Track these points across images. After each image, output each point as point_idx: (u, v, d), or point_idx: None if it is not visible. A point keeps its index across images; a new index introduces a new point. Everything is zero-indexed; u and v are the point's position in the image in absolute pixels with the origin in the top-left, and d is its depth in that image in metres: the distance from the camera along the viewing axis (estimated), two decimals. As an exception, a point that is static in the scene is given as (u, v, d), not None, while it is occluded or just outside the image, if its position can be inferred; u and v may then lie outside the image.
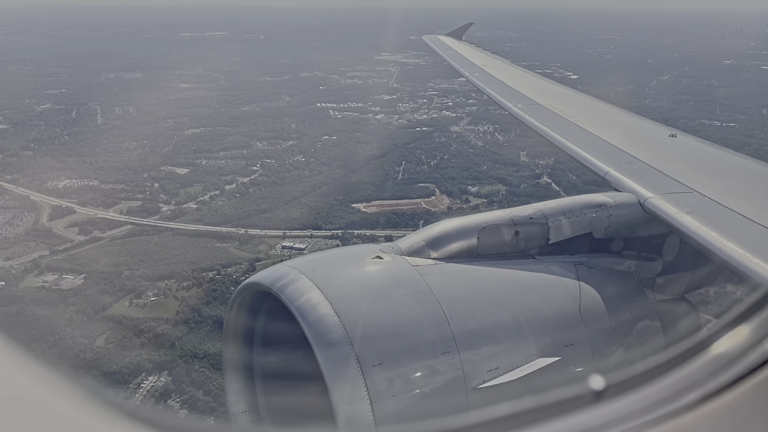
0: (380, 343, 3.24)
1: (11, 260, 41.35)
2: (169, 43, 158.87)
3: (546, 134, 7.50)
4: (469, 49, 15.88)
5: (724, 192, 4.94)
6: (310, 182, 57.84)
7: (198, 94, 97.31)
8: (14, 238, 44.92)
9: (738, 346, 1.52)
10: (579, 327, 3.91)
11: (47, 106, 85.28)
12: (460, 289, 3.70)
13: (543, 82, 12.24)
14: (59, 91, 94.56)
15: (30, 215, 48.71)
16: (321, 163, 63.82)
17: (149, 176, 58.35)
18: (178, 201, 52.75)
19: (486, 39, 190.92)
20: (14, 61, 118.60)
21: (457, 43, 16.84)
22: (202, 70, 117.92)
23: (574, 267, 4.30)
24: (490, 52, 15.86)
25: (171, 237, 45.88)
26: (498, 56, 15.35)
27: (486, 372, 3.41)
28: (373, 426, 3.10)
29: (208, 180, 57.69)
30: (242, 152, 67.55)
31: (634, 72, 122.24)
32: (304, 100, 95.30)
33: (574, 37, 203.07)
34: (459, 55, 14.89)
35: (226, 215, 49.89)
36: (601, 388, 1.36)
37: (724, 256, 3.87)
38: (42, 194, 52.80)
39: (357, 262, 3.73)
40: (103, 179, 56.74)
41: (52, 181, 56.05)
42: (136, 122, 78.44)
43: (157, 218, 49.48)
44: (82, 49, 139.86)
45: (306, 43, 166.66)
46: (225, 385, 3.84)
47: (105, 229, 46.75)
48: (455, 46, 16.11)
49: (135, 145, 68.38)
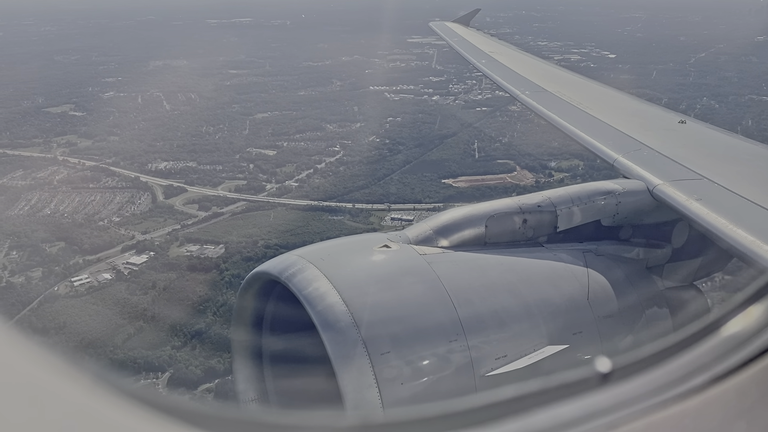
0: (388, 331, 3.33)
1: (149, 233, 45.87)
2: (200, 30, 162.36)
3: (554, 121, 7.59)
4: (476, 36, 15.85)
5: (734, 178, 4.95)
6: (394, 161, 62.05)
7: (250, 80, 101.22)
8: (142, 215, 49.45)
9: (747, 328, 1.52)
10: (587, 314, 3.98)
11: (111, 93, 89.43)
12: (467, 277, 3.79)
13: (550, 68, 12.34)
14: (116, 79, 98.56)
15: (146, 194, 53.18)
16: (396, 143, 67.94)
17: (240, 157, 62.67)
18: (277, 179, 57.08)
19: (510, 19, 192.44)
20: (58, 51, 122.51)
21: (464, 29, 16.85)
22: (245, 56, 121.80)
23: (582, 255, 4.39)
24: (497, 38, 16.01)
25: (285, 211, 50.31)
26: (505, 42, 15.58)
27: (494, 360, 3.48)
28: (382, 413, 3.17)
29: (298, 160, 61.98)
30: (317, 134, 71.70)
31: (669, 50, 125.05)
32: (355, 83, 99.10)
33: (598, 16, 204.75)
34: (466, 41, 14.89)
35: (328, 191, 54.25)
36: (608, 371, 1.39)
37: (733, 243, 3.92)
38: (148, 175, 57.22)
39: (365, 251, 3.83)
40: (199, 161, 61.10)
41: (150, 163, 60.47)
42: (202, 108, 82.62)
43: (264, 195, 53.87)
44: (117, 38, 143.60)
45: (334, 27, 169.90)
46: (234, 374, 3.98)
47: (222, 206, 51.19)
48: (462, 33, 16.15)
49: (213, 129, 72.63)
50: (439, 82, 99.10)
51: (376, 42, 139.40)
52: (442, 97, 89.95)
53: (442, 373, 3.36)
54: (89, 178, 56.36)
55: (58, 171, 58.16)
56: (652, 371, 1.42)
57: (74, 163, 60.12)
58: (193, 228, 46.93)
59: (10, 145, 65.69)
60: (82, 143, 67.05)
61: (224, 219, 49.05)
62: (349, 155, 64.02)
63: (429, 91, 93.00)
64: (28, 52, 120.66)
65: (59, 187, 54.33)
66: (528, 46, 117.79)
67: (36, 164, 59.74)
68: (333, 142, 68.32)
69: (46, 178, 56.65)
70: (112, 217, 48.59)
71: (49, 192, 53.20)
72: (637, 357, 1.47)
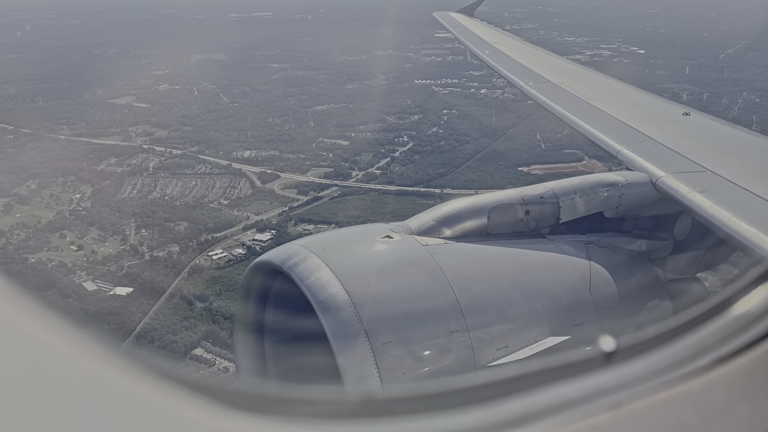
0: (390, 321, 3.46)
1: (261, 215, 50.32)
2: (225, 24, 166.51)
3: (557, 112, 7.72)
4: (480, 26, 15.97)
5: (737, 171, 5.05)
6: (464, 150, 66.70)
7: (295, 74, 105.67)
8: (246, 198, 53.88)
9: (753, 309, 1.54)
10: (589, 306, 4.11)
11: (166, 85, 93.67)
12: (469, 268, 3.94)
13: (554, 59, 12.42)
14: (164, 72, 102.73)
15: (243, 180, 57.57)
16: (460, 133, 72.59)
17: (317, 146, 67.15)
18: (360, 167, 61.60)
19: (529, 15, 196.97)
20: (95, 45, 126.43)
21: (467, 19, 16.95)
22: (281, 50, 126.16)
23: (584, 246, 4.50)
24: (501, 29, 16.10)
25: (379, 196, 54.85)
26: (509, 33, 15.76)
27: (495, 350, 3.60)
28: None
29: (372, 149, 66.48)
30: (379, 125, 76.19)
31: (695, 46, 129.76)
32: (399, 77, 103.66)
33: (614, 12, 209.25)
34: (469, 31, 15.04)
35: (412, 178, 58.83)
36: (612, 350, 1.40)
37: (736, 236, 4.02)
38: (238, 163, 61.62)
39: (367, 241, 3.95)
40: (280, 150, 65.54)
41: (234, 151, 64.83)
42: (260, 100, 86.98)
43: (353, 181, 58.36)
44: (147, 32, 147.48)
45: (357, 22, 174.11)
46: (236, 364, 4.14)
47: (317, 190, 55.65)
48: (466, 23, 16.28)
49: (279, 121, 77.04)
50: (481, 75, 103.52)
51: (404, 36, 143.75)
52: (490, 90, 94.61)
53: (444, 363, 3.49)
54: (183, 165, 60.70)
55: (148, 158, 62.45)
56: (657, 351, 1.44)
57: (161, 151, 64.36)
58: (300, 210, 51.42)
59: (90, 135, 69.87)
60: (158, 133, 71.30)
61: (324, 202, 53.55)
62: (419, 145, 68.58)
63: (474, 84, 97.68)
64: (64, 45, 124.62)
65: (157, 173, 58.66)
66: (554, 42, 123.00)
67: (125, 152, 64.02)
68: (398, 133, 72.83)
69: (140, 164, 60.96)
70: (221, 200, 53.00)
71: (150, 177, 57.52)
72: (642, 337, 1.50)
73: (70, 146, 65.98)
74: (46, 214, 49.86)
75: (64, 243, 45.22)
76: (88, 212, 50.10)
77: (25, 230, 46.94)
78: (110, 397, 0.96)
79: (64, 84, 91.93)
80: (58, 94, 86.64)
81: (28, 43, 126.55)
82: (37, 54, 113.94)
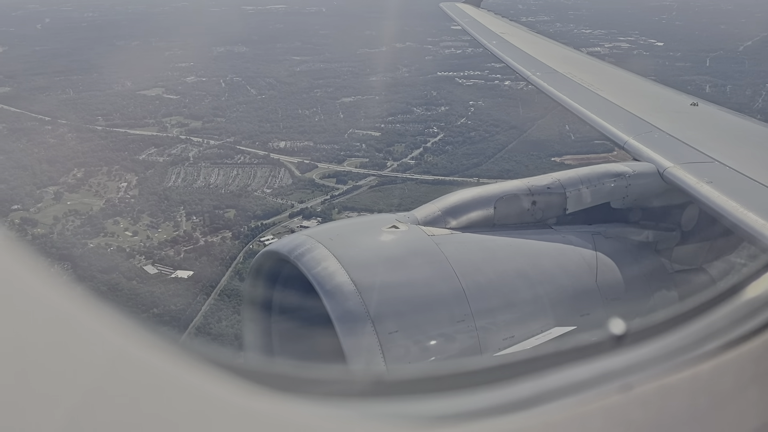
0: (396, 311, 3.51)
1: (305, 203, 52.13)
2: (242, 17, 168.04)
3: (565, 102, 7.79)
4: (487, 17, 15.98)
5: (745, 161, 5.09)
6: (495, 141, 68.36)
7: (317, 66, 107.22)
8: (288, 187, 55.68)
9: (763, 294, 1.55)
10: (595, 297, 4.16)
11: (193, 78, 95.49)
12: (476, 258, 3.99)
13: (562, 49, 12.48)
14: (188, 64, 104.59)
15: (282, 169, 59.36)
16: (490, 125, 74.22)
17: (349, 137, 68.87)
18: (394, 157, 63.30)
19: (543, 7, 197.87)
20: (117, 37, 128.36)
21: (475, 10, 17.00)
22: (301, 43, 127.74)
23: (591, 237, 4.55)
24: (508, 20, 16.11)
25: (415, 185, 56.56)
26: (516, 24, 15.78)
27: (501, 340, 3.66)
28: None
29: (404, 140, 68.19)
30: (408, 117, 77.89)
31: (713, 38, 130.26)
32: (421, 70, 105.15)
33: (628, 4, 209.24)
34: (476, 22, 15.08)
35: (447, 167, 60.54)
36: (623, 334, 1.40)
37: (743, 226, 4.07)
38: (275, 153, 63.43)
39: (373, 231, 4.01)
40: (314, 140, 67.30)
41: (270, 142, 66.60)
42: (286, 92, 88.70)
43: (389, 171, 60.09)
44: (166, 23, 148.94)
45: (370, 14, 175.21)
46: (244, 352, 4.19)
47: (356, 179, 57.40)
48: (473, 14, 16.34)
49: (309, 113, 78.78)
50: (503, 68, 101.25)
51: (421, 29, 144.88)
52: (513, 82, 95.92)
53: (450, 353, 3.54)
54: (222, 155, 62.51)
55: (187, 148, 64.26)
56: (667, 335, 1.45)
57: (198, 142, 66.19)
58: (341, 198, 53.21)
59: (126, 125, 71.76)
60: (192, 124, 73.12)
61: (363, 191, 55.32)
62: (450, 136, 70.26)
63: (498, 76, 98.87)
64: (85, 37, 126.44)
65: (198, 163, 60.51)
66: (572, 35, 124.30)
67: (164, 142, 65.87)
68: (428, 125, 74.48)
69: (180, 154, 62.80)
70: (264, 189, 54.84)
71: (192, 167, 59.38)
72: (652, 321, 1.51)
73: (108, 136, 67.85)
74: (96, 201, 51.78)
75: (119, 229, 47.17)
76: (137, 200, 52.03)
77: (79, 217, 48.89)
78: (135, 370, 0.97)
79: (92, 76, 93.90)
80: (89, 86, 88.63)
81: (50, 36, 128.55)
82: (61, 46, 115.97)
